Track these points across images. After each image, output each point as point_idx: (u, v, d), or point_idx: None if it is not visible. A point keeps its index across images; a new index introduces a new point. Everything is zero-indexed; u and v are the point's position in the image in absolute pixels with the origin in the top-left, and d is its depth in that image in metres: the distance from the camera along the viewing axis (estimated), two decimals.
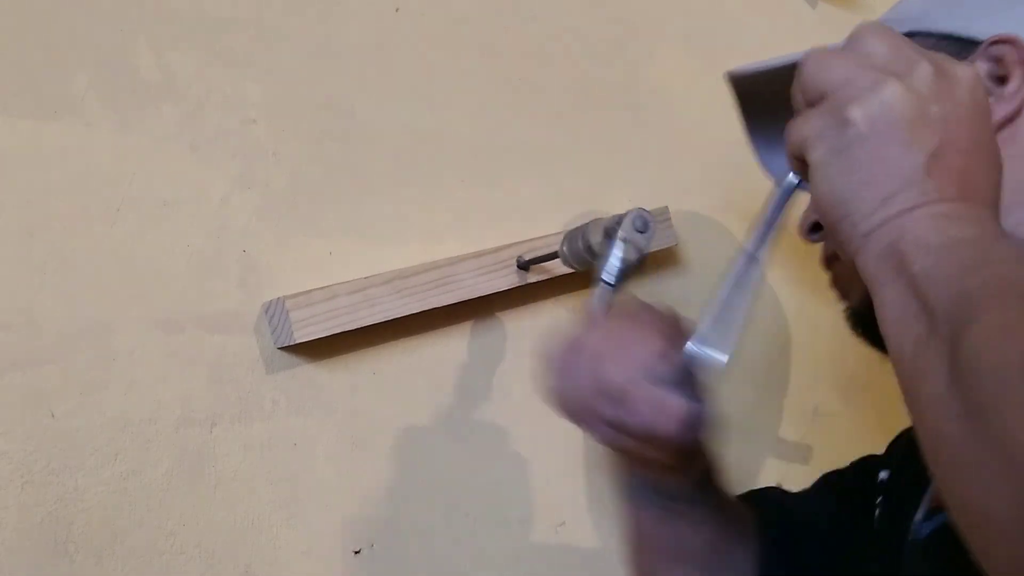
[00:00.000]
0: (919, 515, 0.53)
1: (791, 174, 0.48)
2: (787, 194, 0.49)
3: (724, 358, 0.48)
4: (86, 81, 0.59)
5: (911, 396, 0.37)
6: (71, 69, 0.59)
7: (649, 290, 0.84)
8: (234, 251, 0.63)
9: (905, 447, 0.62)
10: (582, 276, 0.76)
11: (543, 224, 0.75)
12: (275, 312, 0.62)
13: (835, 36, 0.46)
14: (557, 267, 0.73)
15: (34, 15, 0.58)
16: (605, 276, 0.59)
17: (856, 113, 0.40)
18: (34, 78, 0.58)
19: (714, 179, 0.90)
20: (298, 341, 0.61)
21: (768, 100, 0.59)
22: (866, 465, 0.67)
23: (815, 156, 0.41)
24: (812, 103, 0.42)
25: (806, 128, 0.42)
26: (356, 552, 0.66)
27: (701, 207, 0.88)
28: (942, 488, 0.35)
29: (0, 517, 0.54)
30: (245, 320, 0.63)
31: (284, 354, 0.65)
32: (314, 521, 0.65)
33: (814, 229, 0.58)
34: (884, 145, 0.39)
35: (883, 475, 0.64)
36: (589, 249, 0.63)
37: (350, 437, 0.67)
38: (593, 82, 0.83)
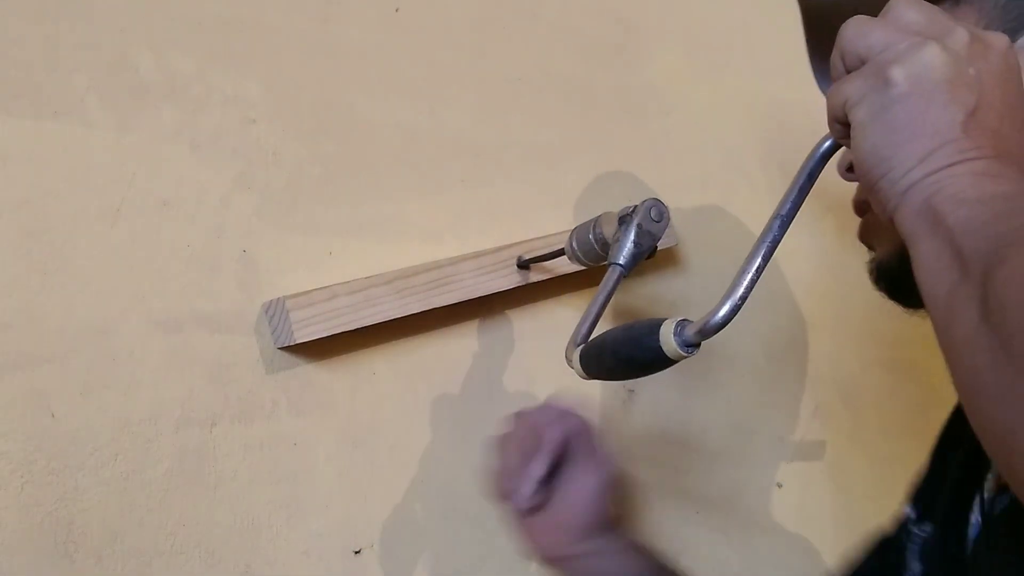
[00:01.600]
0: (987, 495, 0.53)
1: (827, 140, 0.48)
2: (822, 159, 0.49)
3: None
4: (86, 81, 0.59)
5: (945, 339, 0.39)
6: (71, 69, 0.59)
7: (649, 290, 0.84)
8: (234, 251, 0.63)
9: (937, 467, 0.63)
10: (582, 275, 0.76)
11: (543, 224, 0.75)
12: (275, 312, 0.62)
13: None
14: (558, 266, 0.73)
15: (34, 15, 0.58)
16: (619, 260, 0.61)
17: (898, 73, 0.41)
18: (34, 78, 0.58)
19: (714, 179, 0.90)
20: (298, 341, 0.61)
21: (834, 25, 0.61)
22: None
23: (858, 116, 0.43)
24: (851, 68, 0.44)
25: (848, 89, 0.43)
26: (356, 552, 0.66)
27: (701, 207, 0.88)
28: (976, 424, 0.37)
29: (0, 517, 0.54)
30: (245, 320, 0.63)
31: (284, 354, 0.65)
32: (314, 521, 0.65)
33: (852, 168, 0.60)
34: (925, 104, 0.41)
35: (907, 510, 0.64)
36: (602, 241, 0.63)
37: (350, 437, 0.67)
38: (593, 82, 0.83)
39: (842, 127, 0.45)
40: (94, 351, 0.58)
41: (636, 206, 0.61)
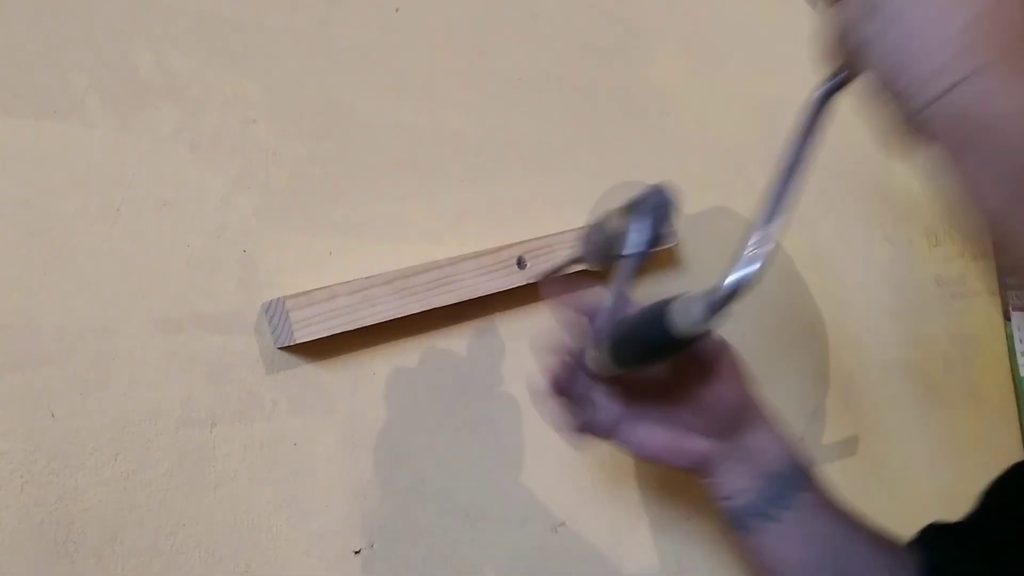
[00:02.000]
0: None
1: (829, 79, 0.46)
2: (827, 95, 0.47)
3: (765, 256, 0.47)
4: (86, 81, 0.59)
5: (1008, 254, 0.37)
6: (71, 69, 0.59)
7: (649, 290, 0.84)
8: (234, 251, 0.64)
9: None
10: (582, 275, 0.76)
11: (543, 224, 0.75)
12: (275, 312, 0.62)
13: None
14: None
15: (34, 15, 0.58)
16: (628, 251, 0.60)
17: None
18: (34, 78, 0.58)
19: (714, 179, 0.90)
20: (298, 341, 0.61)
21: None
22: None
23: (858, 39, 0.41)
24: None
25: (843, 15, 0.42)
26: (356, 552, 0.66)
27: (701, 207, 0.88)
28: None
29: (0, 517, 0.54)
30: (245, 320, 0.63)
31: (284, 354, 0.65)
32: (314, 521, 0.65)
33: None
34: (926, 12, 0.39)
35: None
36: (612, 236, 0.63)
37: (350, 437, 0.67)
38: (593, 82, 0.83)
39: (844, 57, 0.43)
40: (94, 351, 0.58)
41: (642, 194, 0.61)
